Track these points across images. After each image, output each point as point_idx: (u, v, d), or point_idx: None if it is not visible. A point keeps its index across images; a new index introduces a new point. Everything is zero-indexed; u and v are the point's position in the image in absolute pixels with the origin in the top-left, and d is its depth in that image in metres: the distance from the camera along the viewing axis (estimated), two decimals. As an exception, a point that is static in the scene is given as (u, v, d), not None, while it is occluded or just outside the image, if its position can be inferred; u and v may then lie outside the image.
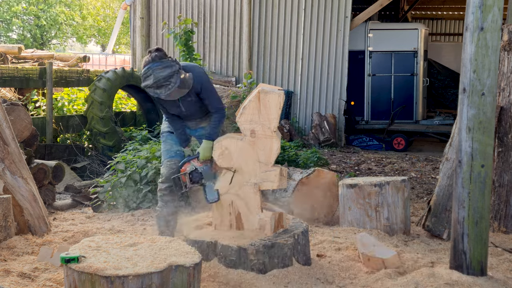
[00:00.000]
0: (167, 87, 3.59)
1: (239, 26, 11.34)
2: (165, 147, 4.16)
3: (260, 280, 3.26)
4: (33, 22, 25.19)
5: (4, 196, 4.11)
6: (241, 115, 3.57)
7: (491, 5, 3.13)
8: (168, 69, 3.59)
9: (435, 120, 12.44)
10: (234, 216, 3.62)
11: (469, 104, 3.21)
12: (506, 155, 4.52)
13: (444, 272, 3.28)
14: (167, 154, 4.13)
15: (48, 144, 8.27)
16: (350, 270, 3.54)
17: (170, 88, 3.59)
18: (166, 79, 3.58)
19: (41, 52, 13.90)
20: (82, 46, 30.85)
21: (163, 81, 3.58)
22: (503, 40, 4.48)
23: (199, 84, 3.82)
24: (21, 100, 9.22)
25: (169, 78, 3.59)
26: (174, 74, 3.60)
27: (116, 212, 5.63)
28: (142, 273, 2.54)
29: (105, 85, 8.97)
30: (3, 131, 4.40)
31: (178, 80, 3.61)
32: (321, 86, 11.16)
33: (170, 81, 3.59)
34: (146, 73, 3.62)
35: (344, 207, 4.65)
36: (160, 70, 3.58)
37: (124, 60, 18.88)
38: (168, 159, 4.11)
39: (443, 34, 19.06)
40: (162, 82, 3.58)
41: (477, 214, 3.24)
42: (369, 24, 12.29)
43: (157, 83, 3.59)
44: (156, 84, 3.59)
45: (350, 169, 8.40)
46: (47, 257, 3.65)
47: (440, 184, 4.62)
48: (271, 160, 3.56)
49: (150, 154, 6.04)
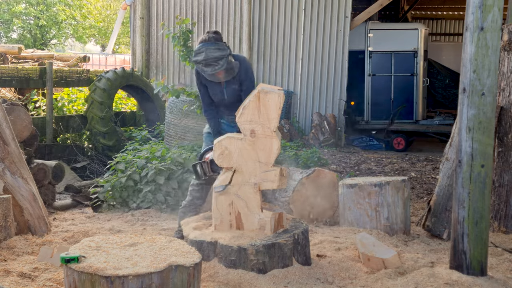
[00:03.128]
0: (214, 67, 3.88)
1: (239, 26, 11.34)
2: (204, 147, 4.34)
3: (260, 280, 3.26)
4: (33, 22, 25.18)
5: (4, 196, 4.11)
6: (241, 115, 3.57)
7: (491, 5, 3.13)
8: (220, 51, 3.88)
9: (435, 120, 12.44)
10: (234, 216, 3.62)
11: (469, 104, 3.21)
12: (506, 155, 4.52)
13: (444, 272, 3.28)
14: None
15: (48, 144, 8.27)
16: (350, 270, 3.54)
17: (216, 69, 3.88)
18: (215, 60, 3.87)
19: (41, 52, 13.90)
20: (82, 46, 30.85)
21: (212, 60, 3.86)
22: (503, 40, 4.48)
23: (244, 70, 4.09)
24: (21, 100, 9.22)
25: (219, 60, 3.87)
26: (224, 58, 3.88)
27: (116, 212, 5.64)
28: (142, 273, 2.54)
29: (105, 85, 8.97)
30: (3, 131, 4.40)
31: (225, 64, 3.89)
32: (321, 86, 11.16)
33: (218, 62, 3.88)
34: (199, 50, 3.91)
35: (344, 207, 4.65)
36: (213, 51, 3.87)
37: (124, 60, 18.88)
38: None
39: (443, 34, 19.06)
40: (211, 61, 3.87)
41: (477, 214, 3.24)
42: (369, 24, 12.29)
43: (206, 61, 3.87)
44: (205, 61, 3.87)
45: (350, 169, 8.40)
46: (47, 257, 3.65)
47: (440, 184, 4.62)
48: (271, 160, 3.56)
49: (150, 154, 6.05)
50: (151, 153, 6.08)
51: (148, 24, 11.86)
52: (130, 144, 7.10)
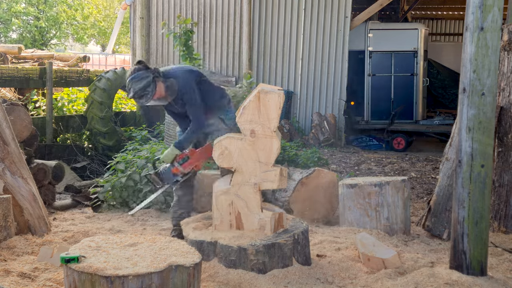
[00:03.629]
0: (146, 97, 3.95)
1: (239, 26, 11.33)
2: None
3: (260, 280, 3.26)
4: (32, 23, 25.16)
5: (4, 196, 4.11)
6: (241, 115, 3.57)
7: (491, 5, 3.13)
8: (143, 80, 3.94)
9: (435, 120, 12.44)
10: (234, 216, 3.62)
11: (469, 104, 3.21)
12: (506, 155, 4.52)
13: (444, 272, 3.28)
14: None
15: (48, 144, 8.27)
16: (350, 270, 3.54)
17: (148, 98, 3.96)
18: (142, 90, 3.93)
19: (41, 52, 13.90)
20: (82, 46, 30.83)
21: (140, 92, 3.93)
22: (503, 40, 4.48)
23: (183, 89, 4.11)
24: (21, 100, 9.22)
25: (146, 88, 3.93)
26: (150, 84, 3.94)
27: (116, 212, 5.63)
28: (142, 273, 2.54)
29: (105, 85, 8.97)
30: (3, 131, 4.40)
31: (154, 89, 3.95)
32: (321, 86, 11.16)
33: (147, 90, 3.93)
34: (128, 86, 4.00)
35: (344, 207, 4.65)
36: (137, 82, 3.94)
37: (124, 60, 18.89)
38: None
39: (443, 34, 19.06)
40: (140, 92, 3.94)
41: (477, 214, 3.23)
42: (369, 24, 12.29)
43: (136, 94, 3.95)
44: (136, 95, 3.95)
45: (350, 169, 8.40)
46: (47, 257, 3.65)
47: (440, 184, 4.62)
48: (271, 160, 3.56)
49: (150, 154, 6.04)
50: (151, 153, 6.07)
51: (148, 24, 11.86)
52: (130, 144, 7.09)
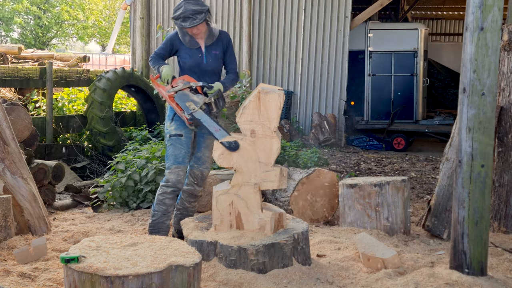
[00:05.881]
0: (193, 20, 3.87)
1: (239, 26, 11.34)
2: (173, 151, 4.05)
3: (260, 280, 3.26)
4: (33, 22, 25.17)
5: (4, 196, 4.11)
6: (241, 115, 3.57)
7: (491, 5, 3.13)
8: (199, 6, 3.90)
9: (435, 120, 12.44)
10: (234, 216, 3.62)
11: (469, 104, 3.21)
12: (506, 155, 4.52)
13: (444, 272, 3.29)
14: (175, 160, 4.04)
15: (48, 144, 8.27)
16: (350, 270, 3.54)
17: (195, 22, 3.87)
18: (193, 13, 3.87)
19: (41, 52, 13.89)
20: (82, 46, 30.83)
21: (190, 13, 3.87)
22: (503, 40, 4.48)
23: (227, 41, 4.13)
24: (21, 100, 9.22)
25: (197, 14, 3.87)
26: (203, 12, 3.89)
27: (116, 212, 5.64)
28: (142, 273, 2.54)
29: (105, 85, 8.97)
30: (3, 131, 4.40)
31: (204, 19, 3.89)
32: (321, 86, 11.16)
33: (196, 16, 3.87)
34: (179, 5, 3.93)
35: (344, 207, 4.65)
36: (192, 5, 3.89)
37: (124, 60, 18.89)
38: (176, 166, 4.04)
39: (443, 34, 19.07)
40: (189, 14, 3.87)
41: (477, 214, 3.24)
42: (369, 24, 12.29)
43: (184, 14, 3.88)
44: (183, 14, 3.88)
45: (350, 169, 8.40)
46: (28, 256, 3.67)
47: (440, 184, 4.62)
48: (271, 160, 3.56)
49: (150, 154, 6.04)
50: (151, 153, 6.07)
51: (148, 24, 11.86)
52: (130, 144, 7.09)
